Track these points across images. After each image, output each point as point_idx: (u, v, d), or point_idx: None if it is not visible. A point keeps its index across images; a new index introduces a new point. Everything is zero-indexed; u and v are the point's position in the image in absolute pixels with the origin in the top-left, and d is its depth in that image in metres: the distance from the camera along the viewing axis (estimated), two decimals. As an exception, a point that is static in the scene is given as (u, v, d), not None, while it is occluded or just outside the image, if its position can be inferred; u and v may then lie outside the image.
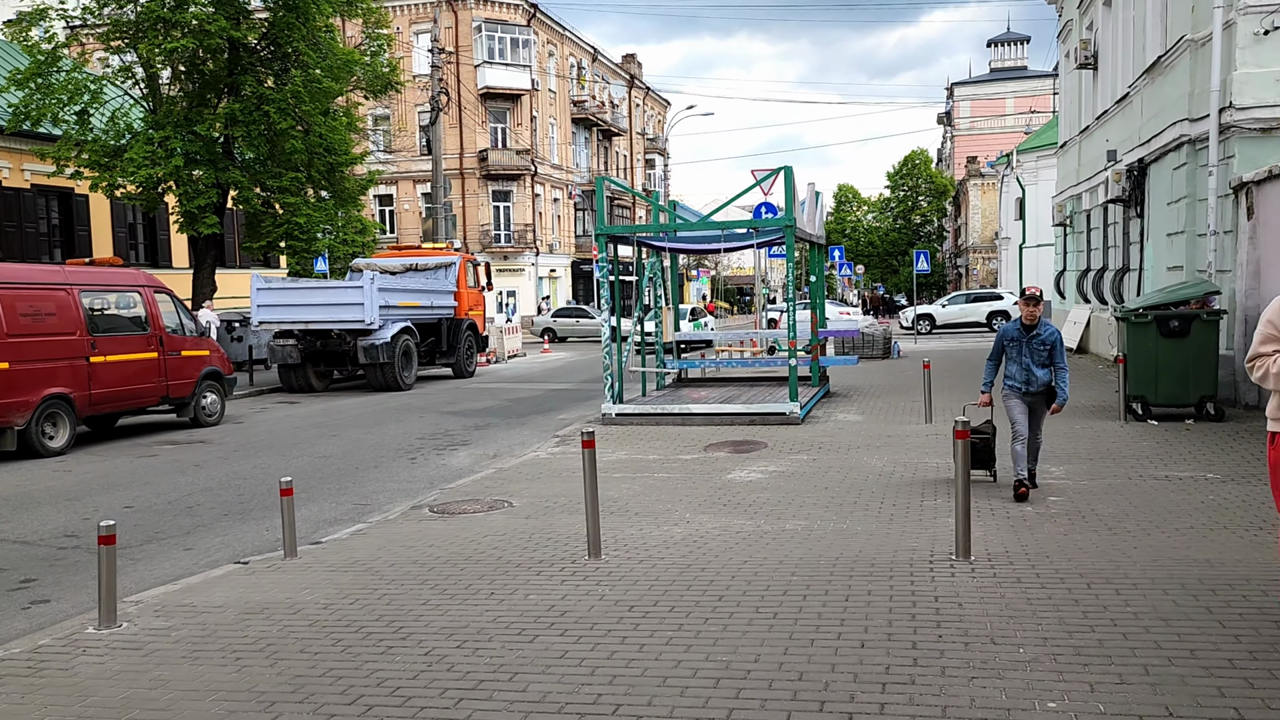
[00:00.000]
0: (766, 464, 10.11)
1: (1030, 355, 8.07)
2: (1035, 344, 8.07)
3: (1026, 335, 8.08)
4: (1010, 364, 8.22)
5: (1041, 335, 8.06)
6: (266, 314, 18.78)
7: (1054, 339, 8.08)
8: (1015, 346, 8.15)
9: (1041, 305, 8.11)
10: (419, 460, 11.31)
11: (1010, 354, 8.21)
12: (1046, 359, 8.08)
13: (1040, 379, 8.09)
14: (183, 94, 21.76)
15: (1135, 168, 16.61)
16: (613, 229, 12.82)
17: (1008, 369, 8.25)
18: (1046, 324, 8.14)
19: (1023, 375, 8.14)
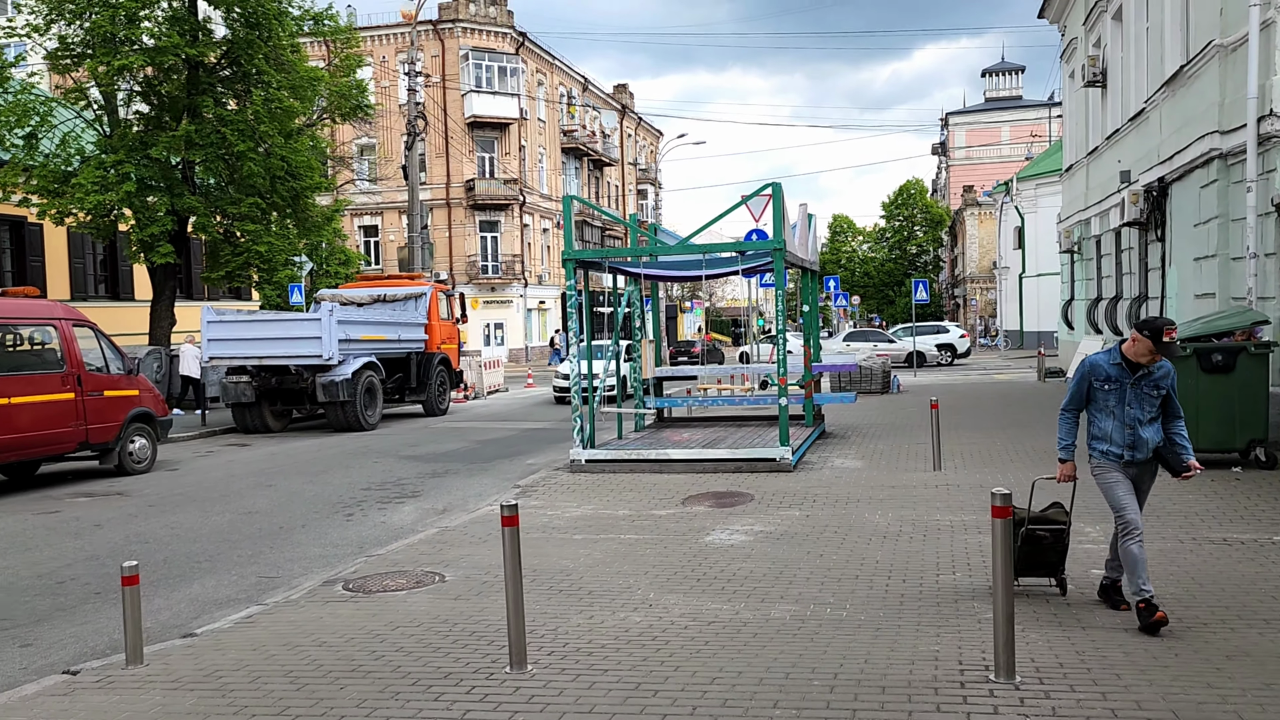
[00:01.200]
0: (752, 522, 8.70)
1: (1138, 405, 5.63)
2: (1145, 389, 5.62)
3: (1132, 376, 5.62)
4: (1100, 418, 5.77)
5: (1155, 376, 5.61)
6: (218, 349, 17.40)
7: (1170, 381, 5.69)
8: (1112, 392, 5.67)
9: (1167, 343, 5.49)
10: (356, 517, 9.88)
11: (1101, 403, 5.73)
12: (1156, 411, 5.67)
13: (1149, 441, 5.67)
14: (138, 116, 20.53)
15: (1154, 188, 15.35)
16: (581, 254, 11.51)
17: (1097, 426, 5.81)
18: (1162, 361, 5.65)
19: (1124, 436, 5.68)
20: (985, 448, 12.58)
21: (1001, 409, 17.57)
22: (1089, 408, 5.84)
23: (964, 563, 7.07)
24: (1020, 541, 5.89)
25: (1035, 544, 6.06)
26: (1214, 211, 12.60)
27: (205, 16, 20.38)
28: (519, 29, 50.34)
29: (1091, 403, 5.80)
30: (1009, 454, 11.99)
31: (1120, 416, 5.69)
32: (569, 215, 11.39)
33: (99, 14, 18.23)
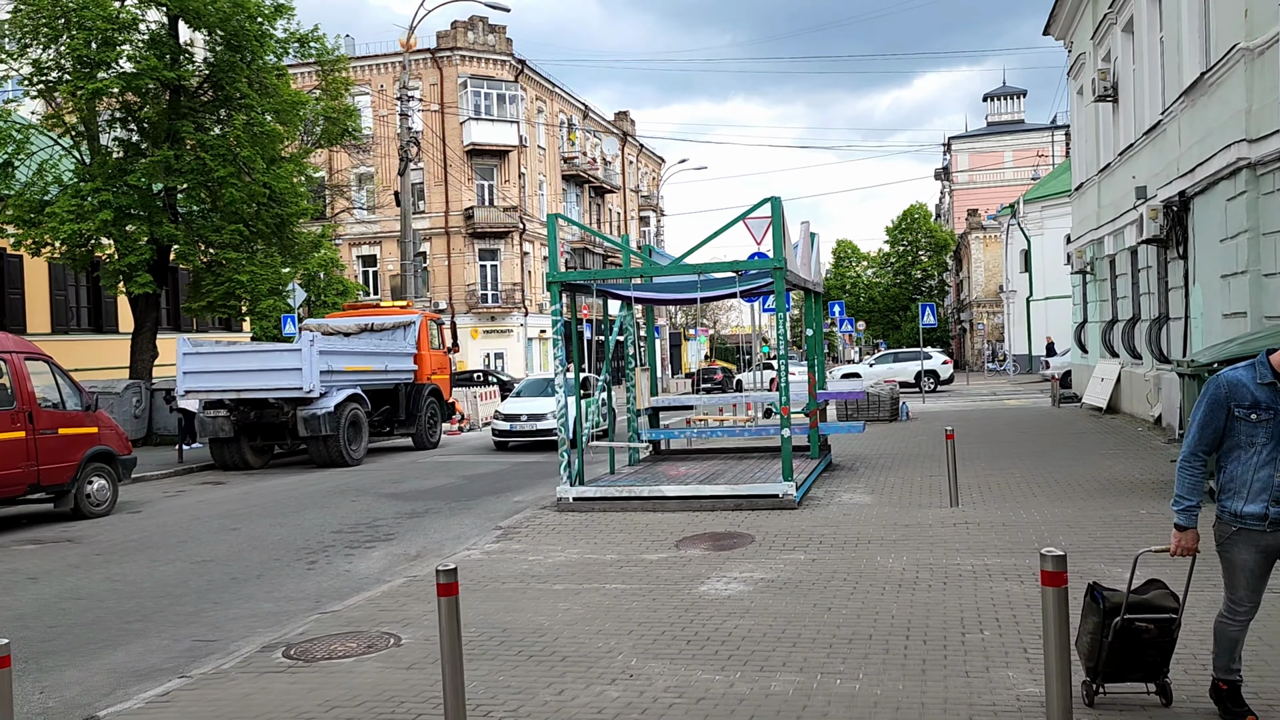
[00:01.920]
0: (752, 568, 7.85)
1: None
2: None
3: None
4: (1236, 462, 4.20)
5: None
6: (193, 382, 16.62)
7: None
8: (1262, 425, 4.10)
9: None
10: (319, 565, 9.04)
11: (1242, 439, 4.17)
12: None
13: None
14: (116, 143, 19.92)
15: (1174, 203, 14.58)
16: (567, 275, 10.73)
17: (1229, 474, 4.25)
18: None
19: (1275, 488, 4.10)
20: (1004, 480, 11.72)
21: (1017, 437, 16.70)
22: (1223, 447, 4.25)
23: (992, 617, 6.21)
24: (1111, 636, 4.41)
25: (1132, 639, 4.42)
26: (1243, 225, 11.80)
27: (187, 40, 19.82)
28: (518, 56, 50.01)
29: (1226, 439, 4.22)
30: (1030, 486, 11.13)
31: (1275, 460, 4.06)
32: (553, 235, 10.64)
33: (74, 38, 17.64)
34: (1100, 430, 17.06)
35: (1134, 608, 4.50)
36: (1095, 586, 4.70)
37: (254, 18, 18.48)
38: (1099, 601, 4.57)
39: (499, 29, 49.73)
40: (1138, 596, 4.59)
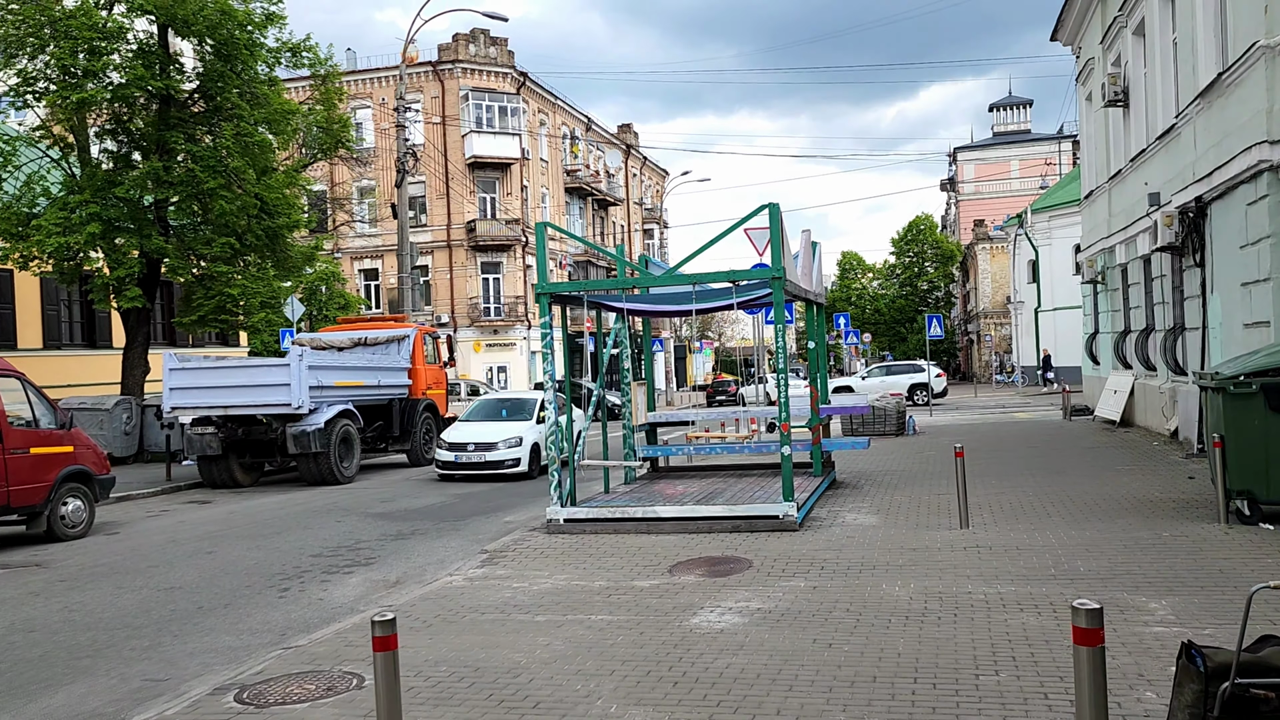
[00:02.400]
0: (749, 597, 7.34)
1: None
2: None
3: None
4: None
5: None
6: (180, 398, 16.18)
7: None
8: None
9: None
10: (292, 593, 8.55)
11: None
12: None
13: None
14: (105, 154, 19.56)
15: (1190, 209, 14.07)
16: (556, 286, 10.27)
17: None
18: None
19: None
20: (1015, 498, 11.19)
21: (1028, 452, 16.16)
22: None
23: (1008, 655, 5.69)
24: (1219, 709, 3.50)
25: (1247, 712, 3.45)
26: (1264, 230, 11.29)
27: (177, 50, 19.48)
28: (519, 69, 49.78)
29: None
30: (1044, 506, 10.59)
31: None
32: (542, 244, 10.18)
33: (60, 48, 17.29)
34: (1115, 444, 16.50)
35: (1247, 669, 3.50)
36: (1191, 646, 3.67)
37: (244, 26, 18.14)
38: (1198, 664, 3.57)
39: (501, 41, 49.52)
40: (1251, 656, 3.58)
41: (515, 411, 17.33)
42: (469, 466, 16.04)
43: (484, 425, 16.86)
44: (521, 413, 17.13)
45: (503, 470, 15.94)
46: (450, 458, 16.31)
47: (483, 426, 16.82)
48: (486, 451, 16.03)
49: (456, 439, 16.46)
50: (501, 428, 16.58)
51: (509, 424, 16.70)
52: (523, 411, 17.15)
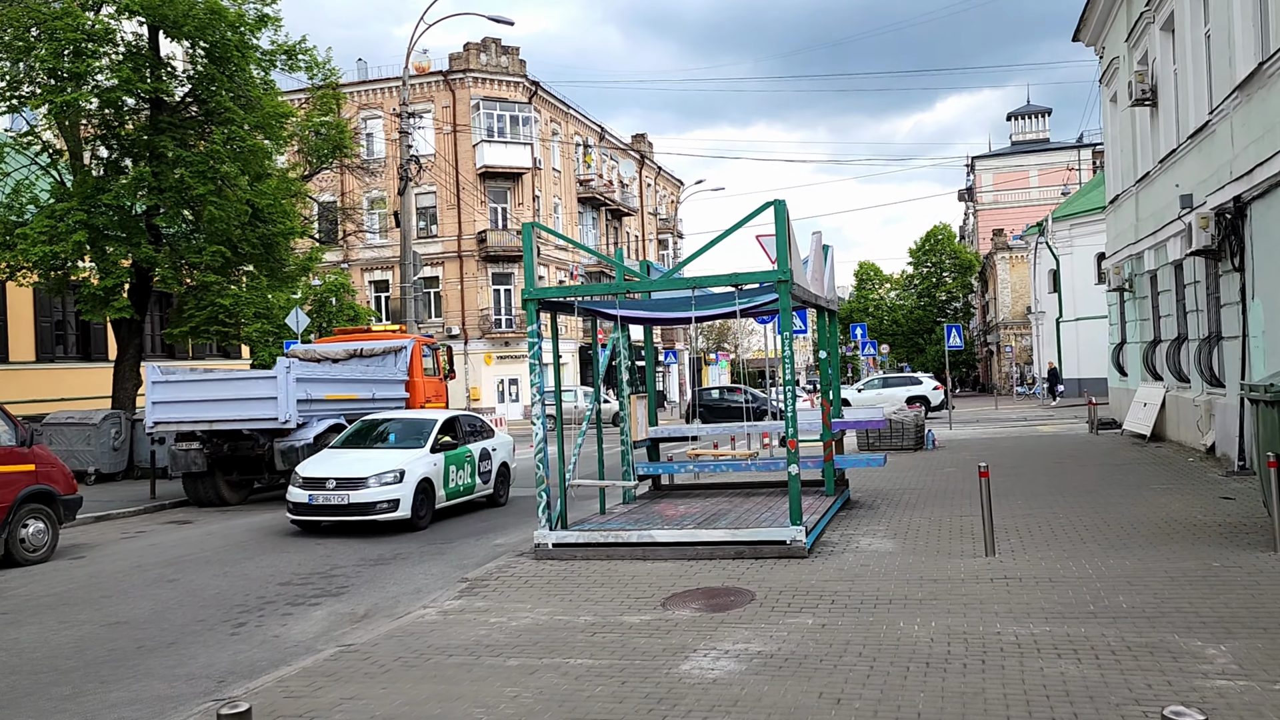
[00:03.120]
0: (748, 636, 6.53)
1: None
2: None
3: None
4: None
5: None
6: (163, 412, 15.51)
7: None
8: None
9: None
10: (248, 628, 7.79)
11: None
12: None
13: None
14: (95, 160, 19.01)
15: (1228, 209, 13.18)
16: (545, 291, 9.51)
17: None
18: None
19: None
20: (1045, 520, 10.32)
21: (1055, 468, 15.25)
22: None
23: (1046, 715, 4.85)
24: None
25: None
26: (1314, 230, 10.42)
27: (169, 54, 18.91)
28: (531, 78, 49.28)
29: None
30: (1076, 529, 9.72)
31: None
32: (529, 247, 9.44)
33: (45, 49, 16.73)
34: (1147, 461, 15.57)
35: None
36: None
37: (235, 27, 17.55)
38: None
39: (512, 50, 49.06)
40: None
41: (407, 435, 13.45)
42: (327, 511, 12.11)
43: (357, 454, 12.95)
44: (414, 437, 13.30)
45: (373, 516, 11.98)
46: (303, 498, 12.17)
47: (355, 456, 12.88)
48: (352, 490, 12.00)
49: (314, 472, 12.38)
50: (379, 458, 12.60)
51: (392, 453, 12.80)
52: (417, 436, 13.31)
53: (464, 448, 13.65)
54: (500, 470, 14.78)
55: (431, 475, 12.78)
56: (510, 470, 15.12)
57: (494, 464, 14.56)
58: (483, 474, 14.15)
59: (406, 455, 12.70)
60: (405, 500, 12.14)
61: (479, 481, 14.04)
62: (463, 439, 13.82)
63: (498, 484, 14.69)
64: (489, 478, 14.39)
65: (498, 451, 14.75)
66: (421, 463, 12.69)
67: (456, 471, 13.37)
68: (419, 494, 12.40)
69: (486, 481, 14.30)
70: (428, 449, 12.96)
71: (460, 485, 13.52)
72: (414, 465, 12.54)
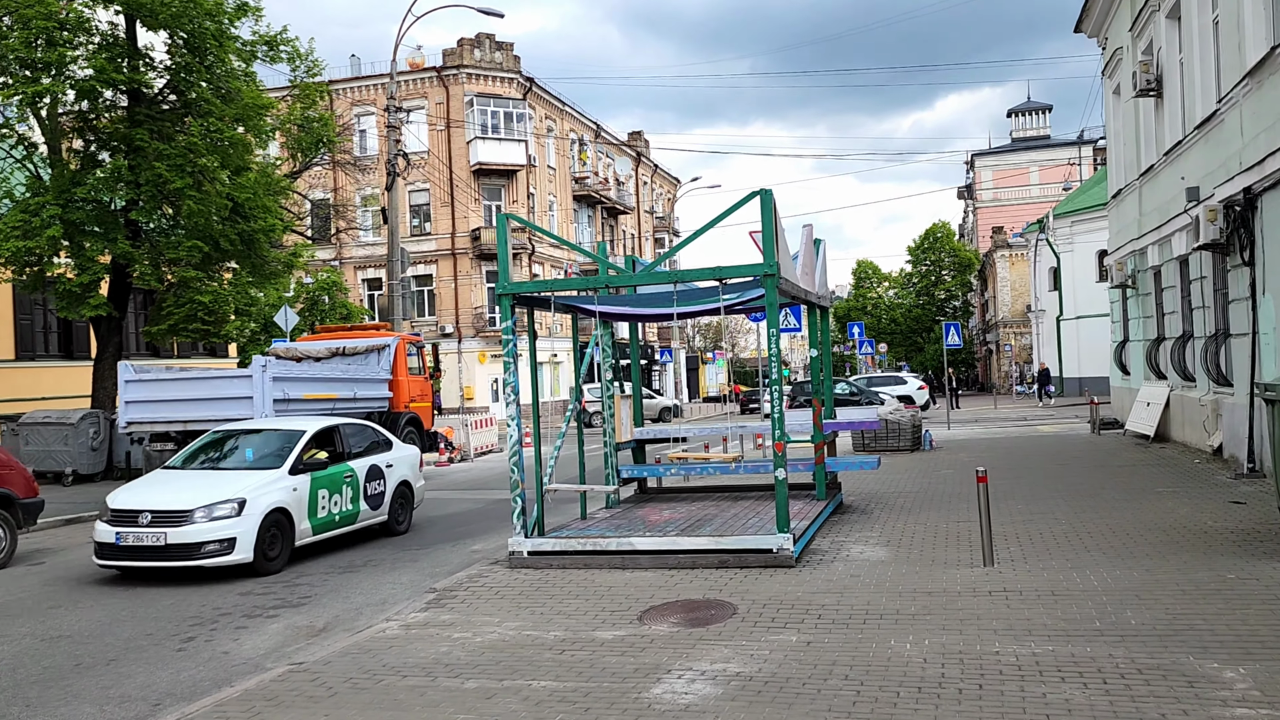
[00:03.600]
0: (728, 656, 6.05)
1: None
2: None
3: None
4: None
5: None
6: (137, 411, 15.07)
7: None
8: None
9: None
10: (196, 642, 7.30)
11: None
12: None
13: None
14: (72, 154, 18.51)
15: (1238, 201, 12.69)
16: (520, 286, 9.02)
17: None
18: None
19: None
20: (1046, 527, 9.83)
21: (1056, 470, 14.77)
22: None
23: (1050, 752, 4.37)
24: None
25: None
26: (1329, 222, 9.93)
27: (147, 44, 18.40)
28: (526, 74, 48.76)
29: None
30: (1080, 536, 9.23)
31: None
32: (503, 239, 8.95)
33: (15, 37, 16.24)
34: (1152, 462, 15.09)
35: None
36: None
37: (212, 15, 17.05)
38: None
39: (506, 46, 48.55)
40: None
41: (266, 451, 10.61)
42: (138, 554, 9.32)
43: (192, 478, 10.28)
44: (275, 454, 10.48)
45: (200, 561, 9.25)
46: (109, 537, 9.39)
47: (188, 480, 10.18)
48: (171, 527, 9.26)
49: (126, 503, 9.58)
50: (216, 483, 9.79)
51: (236, 476, 10.01)
52: (278, 452, 10.50)
53: (342, 466, 10.86)
54: (399, 491, 11.93)
55: (289, 504, 9.90)
56: (415, 490, 12.41)
57: (388, 484, 11.67)
58: (371, 497, 11.31)
59: (253, 479, 9.85)
60: (245, 538, 9.29)
61: (364, 507, 11.19)
62: (347, 454, 11.12)
63: (395, 508, 11.85)
64: (380, 501, 11.51)
65: (394, 468, 11.87)
66: (273, 488, 9.83)
67: (329, 497, 10.53)
68: (268, 529, 9.56)
69: (377, 507, 11.45)
70: (286, 469, 10.13)
71: (336, 514, 10.64)
72: (261, 492, 9.66)
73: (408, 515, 12.30)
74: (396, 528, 11.93)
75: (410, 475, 12.36)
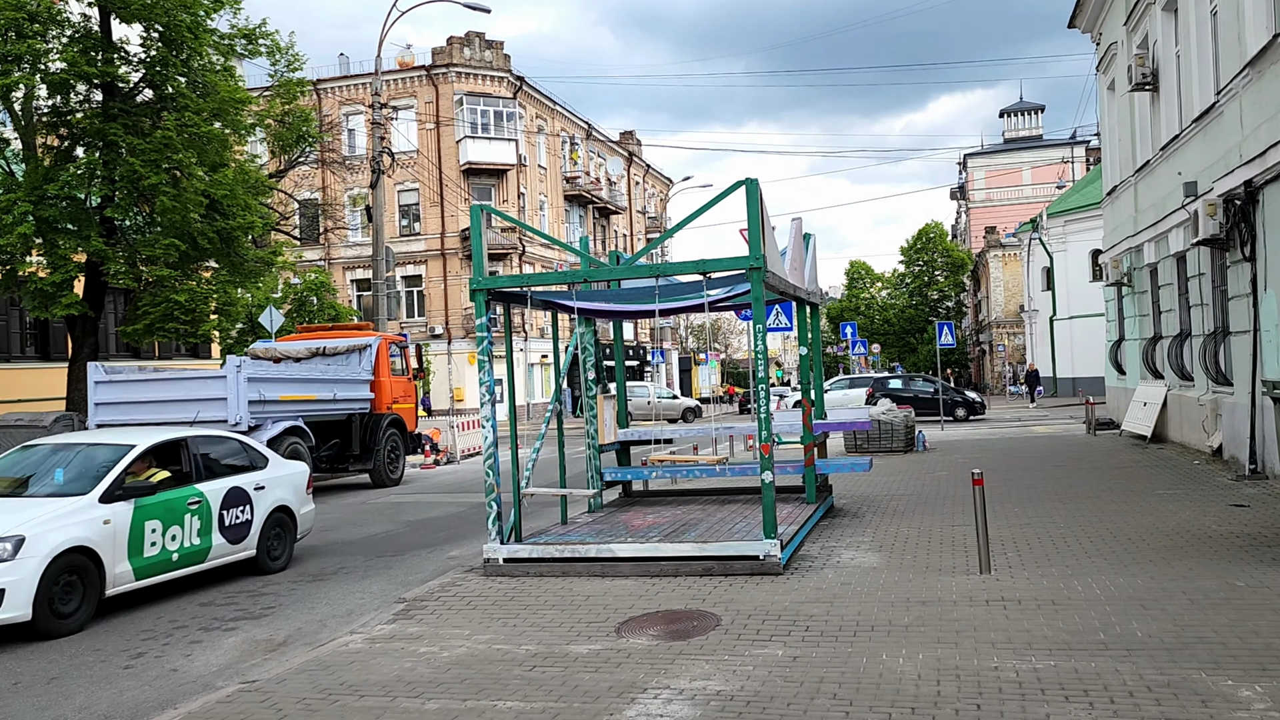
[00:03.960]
0: (709, 672, 5.66)
1: None
2: None
3: None
4: None
5: None
6: (106, 414, 14.61)
7: None
8: None
9: None
10: (146, 658, 6.89)
11: None
12: None
13: None
14: (45, 149, 18.06)
15: (1238, 195, 12.36)
16: (494, 281, 8.62)
17: None
18: None
19: None
20: (1044, 531, 9.46)
21: (1053, 472, 14.42)
22: None
23: (1055, 782, 3.98)
24: None
25: None
26: (1336, 214, 9.59)
27: (122, 37, 17.95)
28: (516, 73, 48.37)
29: None
30: (1079, 541, 8.87)
31: None
32: (478, 231, 8.55)
33: (-19, 29, 15.81)
34: (1150, 463, 14.74)
35: None
36: None
37: (187, 7, 16.61)
38: None
39: (496, 45, 48.14)
40: None
41: (79, 472, 8.35)
42: None
43: None
44: (87, 477, 8.23)
45: None
46: None
47: None
48: None
49: None
50: None
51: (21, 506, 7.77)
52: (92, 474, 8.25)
53: (186, 490, 8.66)
54: (274, 520, 9.65)
55: (95, 541, 7.67)
56: (299, 517, 10.10)
57: (257, 511, 9.38)
58: (230, 528, 9.04)
59: (44, 510, 7.63)
60: (19, 589, 7.07)
61: (219, 540, 8.94)
62: (198, 474, 8.92)
63: (267, 541, 9.58)
64: (244, 533, 9.22)
65: (267, 491, 9.57)
66: (71, 521, 7.60)
67: (164, 530, 8.34)
68: (56, 576, 7.36)
69: (239, 539, 9.17)
70: (95, 495, 7.89)
71: (174, 551, 8.45)
72: (50, 526, 7.43)
73: (286, 548, 9.92)
74: (269, 564, 9.61)
75: (292, 499, 9.99)
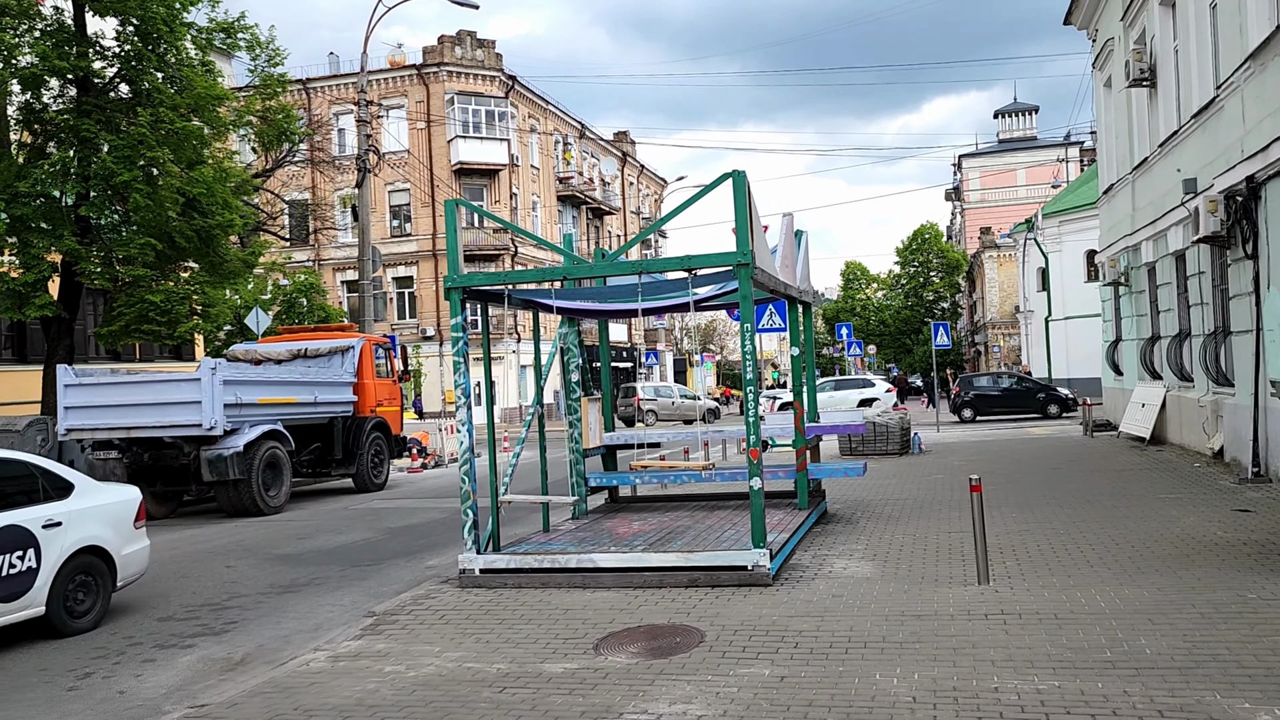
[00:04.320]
0: (690, 695, 5.28)
1: None
2: None
3: None
4: None
5: None
6: (77, 418, 14.19)
7: None
8: None
9: None
10: (93, 679, 6.49)
11: None
12: None
13: None
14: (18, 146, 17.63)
15: (1240, 191, 12.02)
16: (470, 279, 8.23)
17: None
18: None
19: None
20: (1044, 538, 9.10)
21: (1051, 475, 14.06)
22: None
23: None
24: None
25: None
26: (1344, 208, 9.25)
27: (97, 31, 17.54)
28: (508, 72, 47.98)
29: None
30: (1080, 549, 8.50)
31: None
32: (452, 226, 8.17)
33: (-48, 24, 15.40)
34: (1149, 466, 14.40)
35: None
36: None
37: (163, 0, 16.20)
38: None
39: (488, 44, 47.74)
40: None
41: None
42: None
43: None
44: None
45: None
46: None
47: None
48: None
49: None
50: None
51: None
52: None
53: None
54: (77, 565, 7.51)
55: None
56: (115, 559, 7.91)
57: (46, 555, 7.21)
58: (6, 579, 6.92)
59: None
60: None
61: None
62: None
63: (63, 593, 7.38)
64: (25, 585, 7.05)
65: (64, 529, 7.40)
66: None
67: None
68: None
69: (16, 595, 7.00)
70: None
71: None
72: None
73: (98, 601, 7.70)
74: (67, 624, 7.41)
75: (108, 537, 7.82)
